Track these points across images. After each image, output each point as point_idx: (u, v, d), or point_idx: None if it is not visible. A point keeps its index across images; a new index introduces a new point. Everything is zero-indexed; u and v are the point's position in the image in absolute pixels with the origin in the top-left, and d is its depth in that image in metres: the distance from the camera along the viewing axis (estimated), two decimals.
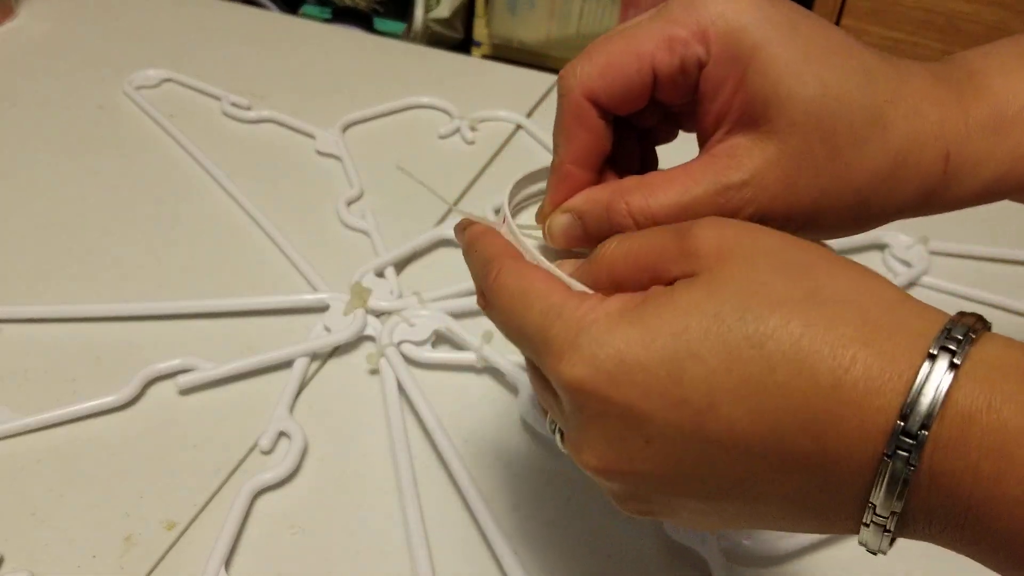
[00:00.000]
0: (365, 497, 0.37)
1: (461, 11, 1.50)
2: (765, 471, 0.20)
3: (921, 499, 0.19)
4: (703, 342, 0.20)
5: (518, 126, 0.58)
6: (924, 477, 0.19)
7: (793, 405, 0.19)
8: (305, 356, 0.42)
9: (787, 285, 0.20)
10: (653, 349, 0.20)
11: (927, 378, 0.19)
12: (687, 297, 0.21)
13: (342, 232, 0.50)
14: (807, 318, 0.20)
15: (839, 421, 0.19)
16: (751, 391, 0.20)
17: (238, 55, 0.64)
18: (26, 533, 0.35)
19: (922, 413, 0.18)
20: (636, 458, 0.22)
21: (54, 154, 0.54)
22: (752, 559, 0.35)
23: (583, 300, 0.22)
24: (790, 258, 0.21)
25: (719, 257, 0.21)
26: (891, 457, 0.19)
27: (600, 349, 0.21)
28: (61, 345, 0.42)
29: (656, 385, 0.20)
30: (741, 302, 0.20)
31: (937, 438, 0.19)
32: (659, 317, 0.21)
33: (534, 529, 0.36)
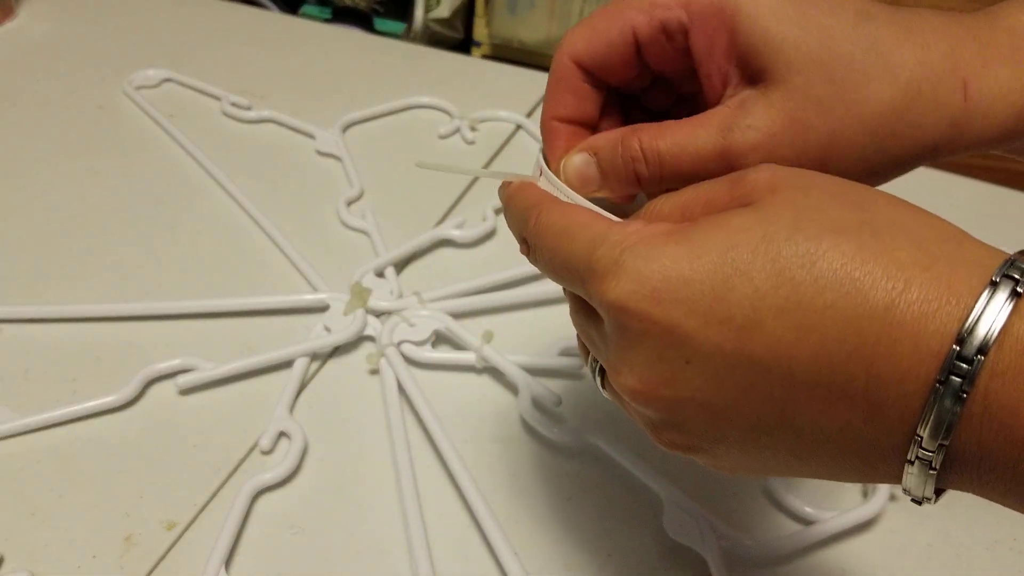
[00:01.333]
0: (365, 497, 0.37)
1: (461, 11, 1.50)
2: (808, 399, 0.20)
3: (972, 433, 0.18)
4: (751, 260, 0.20)
5: (518, 126, 0.58)
6: (977, 408, 0.18)
7: (842, 327, 0.19)
8: (305, 356, 0.42)
9: (841, 211, 0.20)
10: (699, 266, 0.20)
11: (987, 304, 0.18)
12: (738, 219, 0.20)
13: (342, 232, 0.50)
14: (861, 241, 0.19)
15: (891, 344, 0.19)
16: (798, 310, 0.19)
17: (238, 55, 0.64)
18: (26, 533, 0.35)
19: (979, 338, 0.18)
20: (675, 380, 0.21)
21: (54, 154, 0.54)
22: (752, 559, 0.35)
23: (627, 224, 0.22)
24: (845, 190, 0.21)
25: (771, 188, 0.21)
26: (943, 383, 0.18)
27: (644, 265, 0.21)
28: (61, 345, 0.42)
29: (700, 302, 0.20)
30: (793, 224, 0.20)
31: (994, 366, 0.18)
32: (707, 236, 0.20)
33: (534, 529, 0.36)
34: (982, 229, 0.22)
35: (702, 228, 0.21)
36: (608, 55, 0.26)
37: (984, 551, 0.36)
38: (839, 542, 0.36)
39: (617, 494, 0.37)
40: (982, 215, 0.52)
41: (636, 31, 0.26)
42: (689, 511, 0.35)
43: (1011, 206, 0.53)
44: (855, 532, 0.36)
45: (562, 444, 0.39)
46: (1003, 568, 0.35)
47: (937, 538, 0.36)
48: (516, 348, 0.43)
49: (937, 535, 0.36)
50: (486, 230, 0.49)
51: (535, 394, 0.39)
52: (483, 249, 0.49)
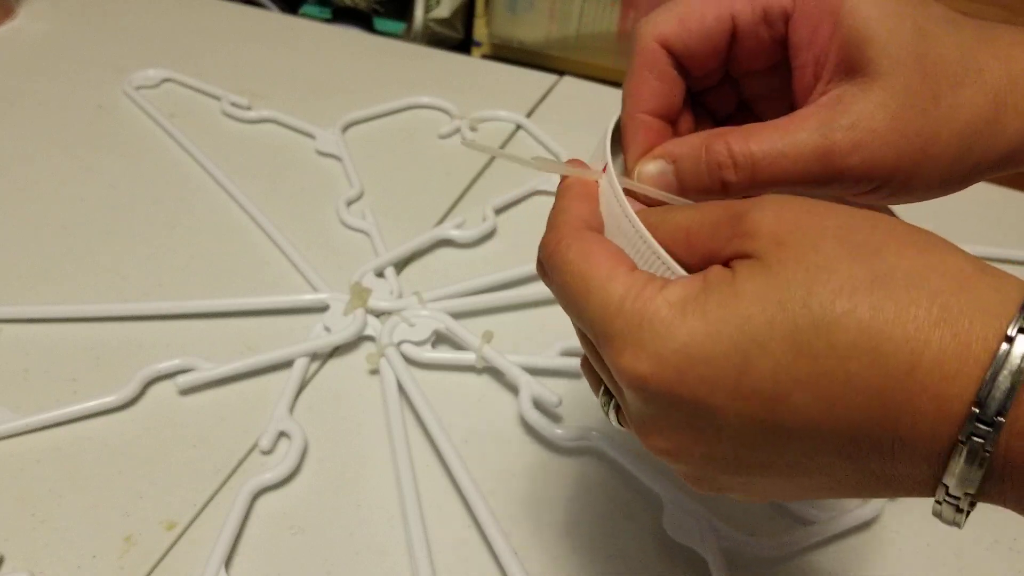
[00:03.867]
0: (365, 497, 0.37)
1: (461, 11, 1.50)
2: (839, 455, 0.20)
3: (995, 480, 0.19)
4: (769, 333, 0.19)
5: (518, 126, 0.58)
6: (999, 461, 0.19)
7: (866, 394, 0.19)
8: (305, 356, 0.42)
9: (852, 268, 0.19)
10: (718, 342, 0.20)
11: (1004, 362, 0.18)
12: (750, 286, 0.20)
13: (342, 232, 0.50)
14: (875, 302, 0.19)
15: (914, 408, 0.19)
16: (821, 381, 0.19)
17: (238, 55, 0.64)
18: (26, 533, 0.35)
19: (998, 399, 0.18)
20: (709, 444, 0.21)
21: (54, 154, 0.54)
22: (752, 559, 0.35)
23: (643, 289, 0.21)
24: (855, 238, 0.20)
25: (778, 241, 0.20)
26: (965, 443, 0.18)
27: (664, 345, 0.20)
28: (61, 345, 0.42)
29: (724, 379, 0.20)
30: (805, 288, 0.19)
31: (1012, 425, 0.18)
32: (723, 307, 0.20)
33: (534, 529, 0.36)
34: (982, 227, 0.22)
35: (716, 299, 0.20)
36: (702, 41, 0.25)
37: (984, 551, 0.36)
38: (839, 542, 0.36)
39: (617, 494, 0.37)
40: (984, 214, 0.52)
41: (736, 17, 0.25)
42: (689, 511, 0.35)
43: (1012, 205, 0.53)
44: (855, 532, 0.36)
45: (562, 444, 0.39)
46: (1003, 568, 0.35)
47: (937, 538, 0.36)
48: (516, 348, 0.43)
49: (937, 535, 0.36)
50: (486, 230, 0.49)
51: (535, 394, 0.39)
52: (483, 249, 0.49)
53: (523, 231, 0.50)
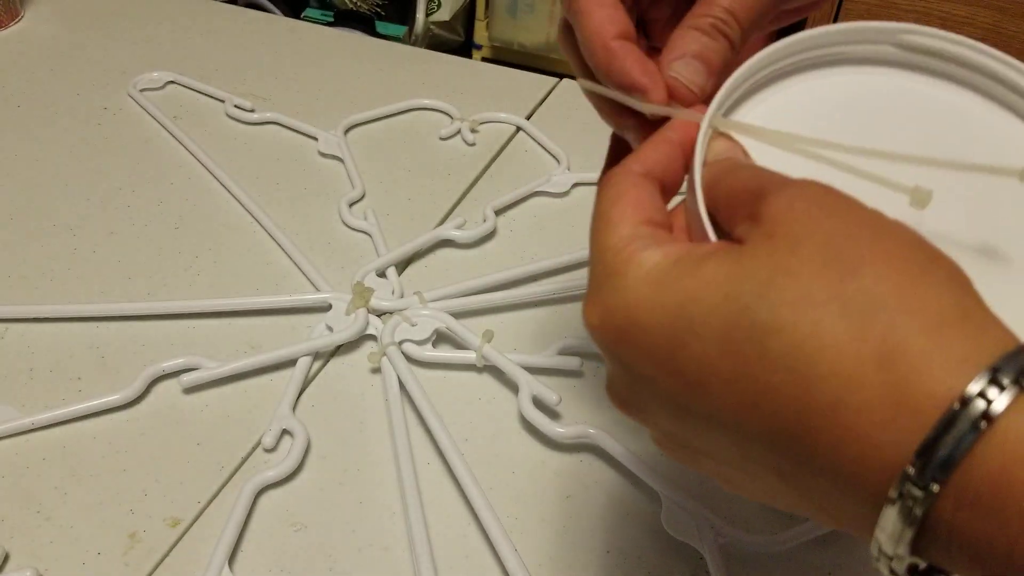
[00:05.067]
0: (367, 494, 0.37)
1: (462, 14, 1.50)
2: (766, 465, 0.19)
3: (941, 548, 0.17)
4: (706, 320, 0.19)
5: (518, 128, 0.59)
6: (942, 529, 0.16)
7: (788, 413, 0.18)
8: (308, 355, 0.42)
9: (817, 281, 0.18)
10: (659, 314, 0.20)
11: (952, 425, 0.16)
12: (712, 269, 0.20)
13: (344, 232, 0.50)
14: (823, 322, 0.17)
15: (837, 446, 0.17)
16: (744, 384, 0.18)
17: (242, 58, 0.64)
18: (31, 530, 0.35)
19: (935, 464, 0.16)
20: (647, 408, 0.22)
21: (59, 155, 0.55)
22: (750, 556, 0.35)
23: (631, 242, 0.21)
24: (843, 250, 0.18)
25: (769, 232, 0.20)
26: (895, 501, 0.17)
27: (614, 301, 0.21)
28: (66, 344, 0.43)
29: (656, 351, 0.20)
30: (764, 285, 0.19)
31: (962, 490, 0.16)
32: (678, 281, 0.20)
33: (534, 526, 0.36)
34: None
35: (678, 272, 0.20)
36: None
37: None
38: (837, 539, 0.36)
39: (616, 492, 0.38)
40: None
41: None
42: (687, 508, 0.36)
43: None
44: None
45: (561, 442, 0.39)
46: None
47: None
48: (516, 347, 0.43)
49: None
50: (486, 230, 0.50)
51: (535, 392, 0.40)
52: (483, 249, 0.50)
53: (523, 232, 0.51)
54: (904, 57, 0.27)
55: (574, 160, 0.55)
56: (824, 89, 0.27)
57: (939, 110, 0.26)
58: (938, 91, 0.27)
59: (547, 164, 0.56)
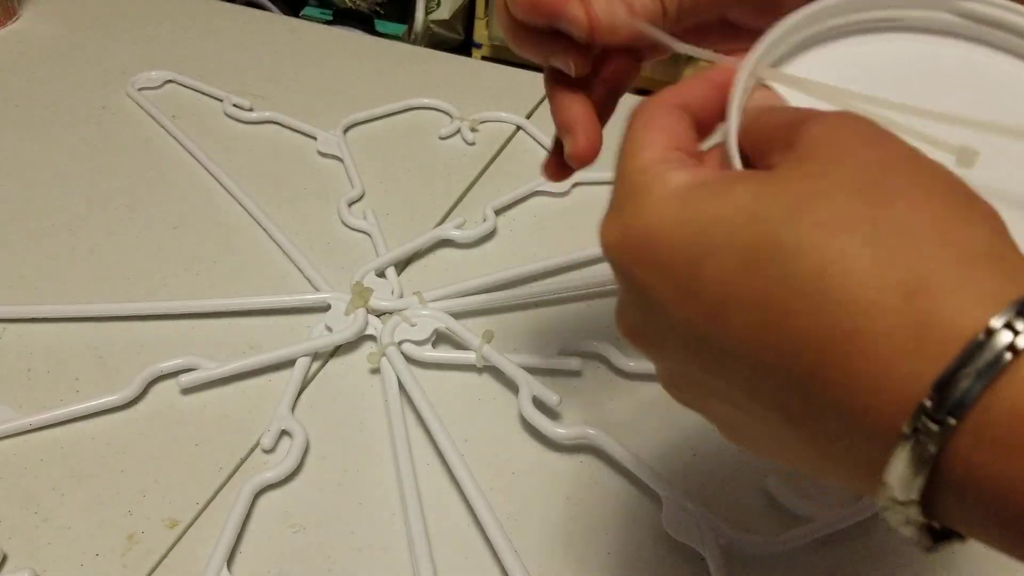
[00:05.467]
0: (366, 495, 0.37)
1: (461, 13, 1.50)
2: (773, 397, 0.18)
3: (955, 496, 0.16)
4: (730, 239, 0.18)
5: (518, 127, 0.58)
6: (957, 472, 0.16)
7: (806, 340, 0.17)
8: (307, 355, 0.42)
9: (850, 204, 0.17)
10: (682, 233, 0.19)
11: (974, 355, 0.15)
12: (741, 191, 0.19)
13: (343, 232, 0.50)
14: (851, 246, 0.17)
15: (853, 376, 0.17)
16: (763, 308, 0.18)
17: (240, 57, 0.64)
18: (29, 531, 0.35)
19: (955, 396, 0.15)
20: (658, 337, 0.21)
21: (57, 155, 0.55)
22: (751, 557, 0.35)
23: (660, 163, 0.21)
24: (878, 179, 0.18)
25: (803, 156, 0.19)
26: (909, 438, 0.16)
27: (635, 218, 0.20)
28: (64, 344, 0.43)
29: (675, 271, 0.19)
30: (792, 208, 0.18)
31: (983, 427, 0.15)
32: (704, 202, 0.19)
33: (534, 527, 0.36)
34: None
35: (705, 193, 0.19)
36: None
37: (983, 549, 0.36)
38: (838, 540, 0.36)
39: (616, 492, 0.38)
40: None
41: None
42: (688, 509, 0.36)
43: None
44: (853, 529, 0.36)
45: (561, 442, 0.39)
46: (1002, 567, 0.35)
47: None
48: (516, 347, 0.43)
49: None
50: (486, 230, 0.49)
51: (535, 393, 0.39)
52: (483, 249, 0.49)
53: (523, 231, 0.51)
54: (961, 26, 0.26)
55: None
56: (875, 53, 0.26)
57: (994, 79, 0.25)
58: (994, 61, 0.26)
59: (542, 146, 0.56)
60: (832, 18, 0.25)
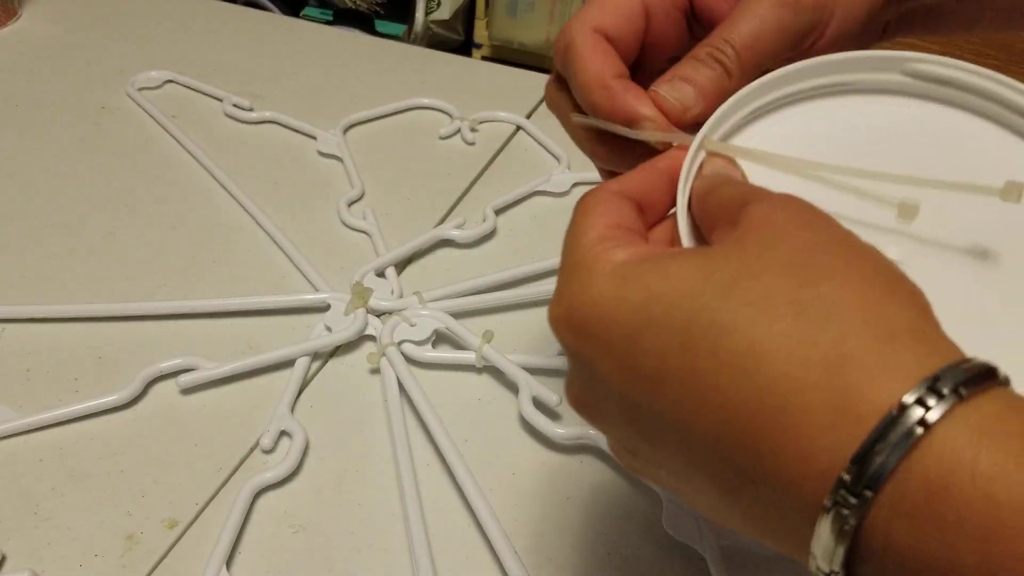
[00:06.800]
0: (366, 495, 0.37)
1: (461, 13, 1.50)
2: (707, 469, 0.19)
3: (875, 567, 0.17)
4: (667, 315, 0.19)
5: (518, 127, 0.58)
6: (877, 542, 0.16)
7: (735, 413, 0.18)
8: (306, 355, 0.42)
9: (780, 284, 0.18)
10: (622, 308, 0.20)
11: (887, 431, 0.16)
12: (678, 266, 0.20)
13: (343, 232, 0.50)
14: (776, 324, 0.18)
15: (779, 449, 0.17)
16: (698, 382, 0.18)
17: (240, 57, 0.64)
18: (28, 532, 0.35)
19: (871, 470, 0.16)
20: (600, 408, 0.22)
21: (57, 154, 0.55)
22: (750, 557, 0.35)
23: (602, 242, 0.22)
24: (808, 260, 0.19)
25: (741, 237, 0.20)
26: (829, 510, 0.17)
27: (578, 295, 0.21)
28: (63, 344, 0.43)
29: (615, 346, 0.20)
30: (724, 288, 0.19)
31: (894, 503, 0.16)
32: (643, 277, 0.20)
33: (534, 527, 0.36)
34: None
35: (644, 267, 0.20)
36: (627, 23, 0.27)
37: None
38: None
39: (616, 492, 0.37)
40: None
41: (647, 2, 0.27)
42: (688, 510, 0.36)
43: None
44: None
45: (562, 443, 0.39)
46: None
47: None
48: (516, 347, 0.43)
49: None
50: (486, 230, 0.49)
51: (535, 393, 0.39)
52: (483, 249, 0.49)
53: (523, 232, 0.51)
54: (912, 86, 0.26)
55: (574, 159, 0.55)
56: (827, 117, 0.27)
57: (944, 136, 0.26)
58: (945, 118, 0.26)
59: (547, 163, 0.56)
60: (784, 87, 0.26)
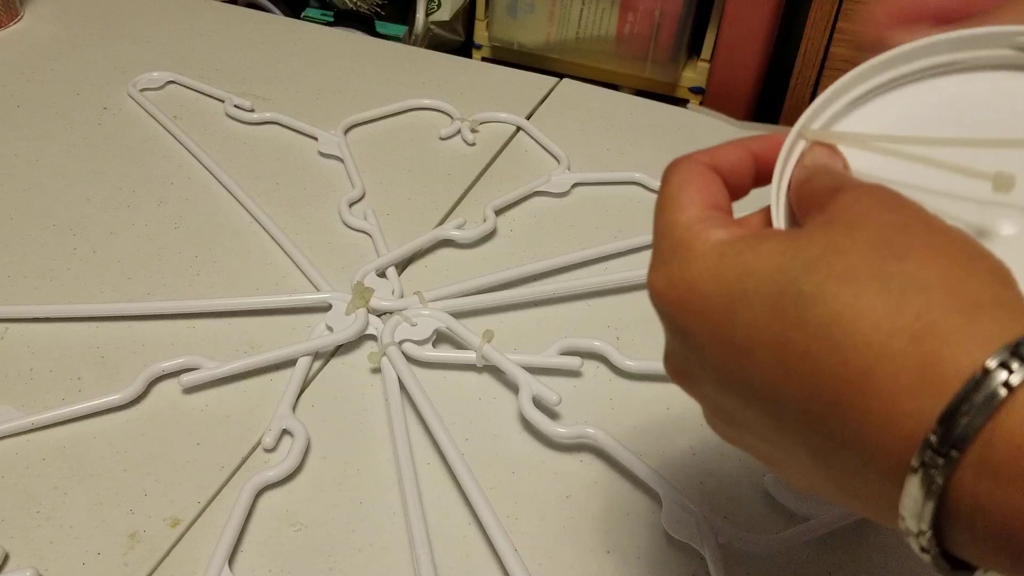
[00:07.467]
0: (367, 494, 0.37)
1: (462, 14, 1.50)
2: (797, 434, 0.20)
3: (964, 528, 0.17)
4: (759, 289, 0.21)
5: (518, 128, 0.59)
6: (965, 503, 0.17)
7: (822, 380, 0.19)
8: (308, 355, 0.42)
9: (866, 259, 0.19)
10: (718, 284, 0.21)
11: (972, 393, 0.17)
12: (770, 244, 0.21)
13: (344, 232, 0.50)
14: (862, 296, 0.19)
15: (865, 414, 0.18)
16: (786, 351, 0.20)
17: (242, 57, 0.64)
18: (31, 530, 0.35)
19: (956, 432, 0.17)
20: (696, 375, 0.23)
21: (59, 155, 0.55)
22: (750, 556, 0.35)
23: (700, 222, 0.23)
24: (895, 237, 0.20)
25: (829, 219, 0.21)
26: (916, 470, 0.17)
27: (680, 271, 0.22)
28: (66, 344, 0.43)
29: (711, 318, 0.22)
30: (811, 262, 0.20)
31: (980, 463, 0.17)
32: (739, 255, 0.22)
33: (534, 526, 0.36)
34: None
35: (740, 246, 0.22)
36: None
37: None
38: (836, 539, 0.36)
39: (616, 492, 0.38)
40: None
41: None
42: (687, 509, 0.36)
43: None
44: (852, 529, 0.36)
45: (561, 442, 0.39)
46: None
47: None
48: (516, 347, 0.43)
49: None
50: (486, 230, 0.50)
51: (535, 392, 0.40)
52: (483, 249, 0.50)
53: (523, 232, 0.51)
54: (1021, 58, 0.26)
55: (574, 160, 0.55)
56: (931, 97, 0.27)
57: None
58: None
59: (547, 164, 0.56)
60: (890, 70, 0.26)
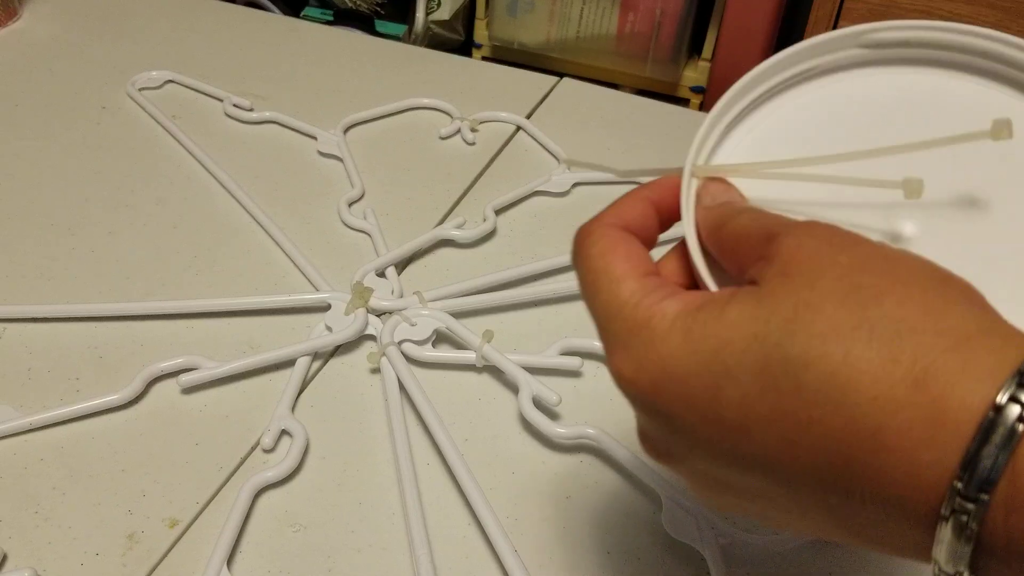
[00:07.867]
0: (366, 495, 0.37)
1: (462, 13, 1.50)
2: (812, 497, 0.19)
3: (998, 561, 0.17)
4: (740, 362, 0.19)
5: (518, 127, 0.59)
6: (998, 539, 0.17)
7: (827, 443, 0.18)
8: (307, 355, 0.42)
9: (841, 311, 0.19)
10: (694, 362, 0.20)
11: (990, 433, 0.16)
12: (736, 311, 0.20)
13: (344, 232, 0.50)
14: (853, 350, 0.18)
15: (883, 470, 0.18)
16: (784, 422, 0.19)
17: (241, 57, 0.64)
18: (29, 531, 0.35)
19: (981, 473, 0.16)
20: (687, 457, 0.22)
21: (58, 154, 0.55)
22: (750, 556, 0.35)
23: (646, 296, 0.22)
24: (860, 279, 0.19)
25: (784, 271, 0.20)
26: (948, 518, 0.17)
27: (646, 354, 0.21)
28: (64, 344, 0.43)
29: (695, 399, 0.20)
30: (787, 324, 0.19)
31: (1010, 501, 0.16)
32: (705, 327, 0.20)
33: (534, 527, 0.36)
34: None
35: (703, 319, 0.21)
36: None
37: None
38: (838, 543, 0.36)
39: (616, 492, 0.38)
40: None
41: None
42: (688, 509, 0.36)
43: None
44: None
45: (561, 442, 0.39)
46: None
47: None
48: (516, 347, 0.43)
49: None
50: (486, 230, 0.49)
51: (535, 392, 0.40)
52: (483, 249, 0.49)
53: (523, 231, 0.51)
54: (876, 55, 0.27)
55: (574, 159, 0.55)
56: (802, 106, 0.27)
57: (919, 96, 0.26)
58: (918, 78, 0.27)
59: (547, 163, 0.56)
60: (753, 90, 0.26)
